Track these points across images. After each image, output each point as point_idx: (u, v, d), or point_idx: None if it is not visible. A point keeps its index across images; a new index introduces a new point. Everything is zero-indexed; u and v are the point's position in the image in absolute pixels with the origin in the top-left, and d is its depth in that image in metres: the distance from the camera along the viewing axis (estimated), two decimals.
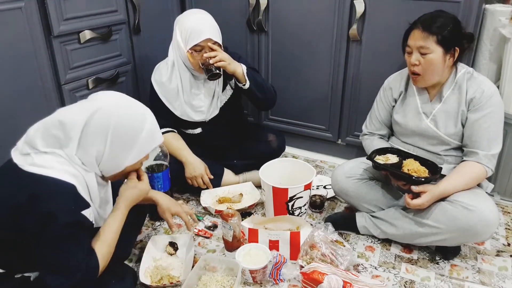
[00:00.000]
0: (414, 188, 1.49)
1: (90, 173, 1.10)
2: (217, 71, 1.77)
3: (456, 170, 1.53)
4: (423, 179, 1.48)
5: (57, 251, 1.05)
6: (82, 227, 1.08)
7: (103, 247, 1.15)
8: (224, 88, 1.96)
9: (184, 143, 1.92)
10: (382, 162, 1.57)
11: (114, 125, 1.08)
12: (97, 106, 1.09)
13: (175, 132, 1.95)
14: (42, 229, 1.02)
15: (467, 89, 1.52)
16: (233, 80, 1.94)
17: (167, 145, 1.82)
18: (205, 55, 1.76)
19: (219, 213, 1.80)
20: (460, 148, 1.59)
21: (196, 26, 1.76)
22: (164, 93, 1.90)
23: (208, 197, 1.93)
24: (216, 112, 1.96)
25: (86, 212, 1.07)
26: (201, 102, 1.91)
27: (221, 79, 1.93)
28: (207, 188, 1.93)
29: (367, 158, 1.62)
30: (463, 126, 1.54)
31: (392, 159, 1.60)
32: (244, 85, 1.85)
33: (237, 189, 1.99)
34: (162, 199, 1.47)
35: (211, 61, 1.75)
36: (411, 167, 1.53)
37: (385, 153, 1.63)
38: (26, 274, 1.14)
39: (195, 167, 1.86)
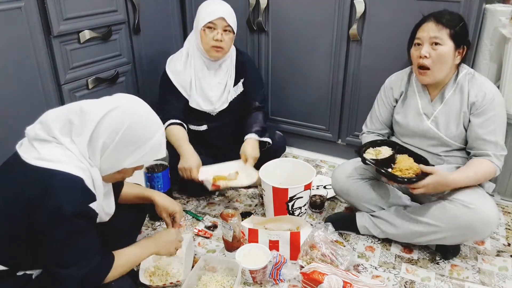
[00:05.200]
0: (415, 190, 1.46)
1: (94, 167, 1.12)
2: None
3: (468, 164, 1.52)
4: (406, 180, 1.45)
5: (67, 245, 1.07)
6: (90, 220, 1.11)
7: (122, 263, 1.20)
8: (235, 84, 2.00)
9: (187, 137, 1.92)
10: (371, 157, 1.54)
11: (128, 125, 1.10)
12: (118, 103, 1.12)
13: (182, 125, 1.95)
14: (52, 224, 1.04)
15: (469, 91, 1.52)
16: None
17: (170, 135, 1.85)
18: None
19: (215, 188, 1.79)
20: (460, 150, 1.58)
21: (212, 6, 1.86)
22: (179, 81, 1.94)
23: (204, 175, 1.86)
24: (225, 105, 1.99)
25: (93, 205, 1.09)
26: (211, 92, 1.95)
27: (233, 74, 1.99)
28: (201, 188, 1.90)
29: (356, 151, 1.59)
30: (465, 128, 1.54)
31: (385, 152, 1.57)
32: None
33: (233, 167, 1.92)
34: (160, 198, 1.48)
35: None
36: (404, 164, 1.49)
37: (380, 145, 1.61)
38: (28, 272, 1.15)
39: (188, 160, 1.82)
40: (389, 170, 1.51)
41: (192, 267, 1.50)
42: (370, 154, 1.57)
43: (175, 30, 2.40)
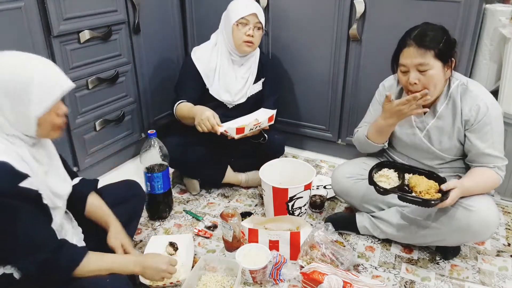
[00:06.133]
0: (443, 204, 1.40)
1: (17, 141, 1.08)
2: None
3: (474, 172, 1.49)
4: (438, 201, 1.39)
5: (10, 231, 1.04)
6: (26, 199, 1.06)
7: (97, 264, 1.15)
8: (256, 82, 2.06)
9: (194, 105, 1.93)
10: (386, 186, 1.49)
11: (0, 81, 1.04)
12: None
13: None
14: None
15: (462, 106, 1.47)
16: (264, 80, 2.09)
17: (181, 110, 1.89)
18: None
19: (240, 134, 1.79)
20: (455, 160, 1.56)
21: (245, 3, 1.94)
22: (204, 68, 1.98)
23: (226, 125, 1.85)
24: (243, 100, 2.03)
25: (25, 184, 1.05)
26: (232, 84, 1.99)
27: (255, 71, 2.05)
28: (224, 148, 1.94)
29: (370, 184, 1.51)
30: (460, 142, 1.51)
31: (391, 175, 1.54)
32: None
33: (251, 116, 1.96)
34: (113, 231, 1.36)
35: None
36: (423, 186, 1.44)
37: (381, 169, 1.58)
38: (7, 272, 1.11)
39: (202, 113, 1.80)
40: (414, 195, 1.45)
41: (192, 267, 1.50)
42: (384, 183, 1.51)
43: (175, 30, 2.40)
